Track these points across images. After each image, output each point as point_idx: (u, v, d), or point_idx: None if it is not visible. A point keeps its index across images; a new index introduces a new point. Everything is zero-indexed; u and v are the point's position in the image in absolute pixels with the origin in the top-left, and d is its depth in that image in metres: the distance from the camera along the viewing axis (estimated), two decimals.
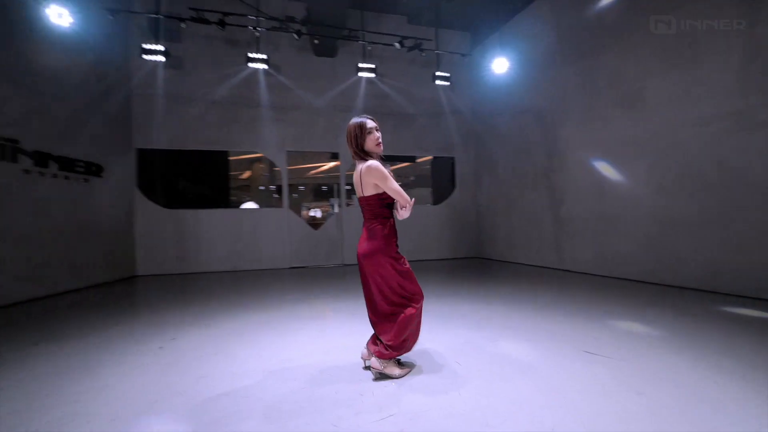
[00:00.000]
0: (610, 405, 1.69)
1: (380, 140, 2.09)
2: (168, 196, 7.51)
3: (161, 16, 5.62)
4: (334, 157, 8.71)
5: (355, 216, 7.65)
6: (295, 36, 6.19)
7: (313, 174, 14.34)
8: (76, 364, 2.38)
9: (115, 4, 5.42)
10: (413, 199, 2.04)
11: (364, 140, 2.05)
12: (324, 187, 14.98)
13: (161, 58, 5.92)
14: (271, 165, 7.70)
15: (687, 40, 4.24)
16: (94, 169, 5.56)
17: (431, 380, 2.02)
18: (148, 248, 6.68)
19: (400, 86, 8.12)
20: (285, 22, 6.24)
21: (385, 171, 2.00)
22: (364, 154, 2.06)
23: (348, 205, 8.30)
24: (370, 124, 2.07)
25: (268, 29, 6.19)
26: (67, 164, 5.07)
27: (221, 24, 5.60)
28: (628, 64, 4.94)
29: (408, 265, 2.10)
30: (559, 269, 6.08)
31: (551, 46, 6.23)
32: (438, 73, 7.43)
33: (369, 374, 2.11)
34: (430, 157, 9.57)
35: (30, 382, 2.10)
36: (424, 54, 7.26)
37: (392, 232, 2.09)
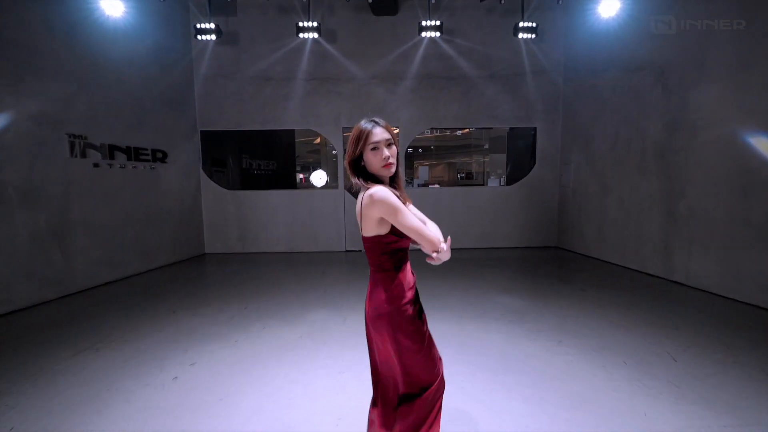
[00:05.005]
0: None
1: (390, 160, 1.36)
2: (230, 178, 7.70)
3: None
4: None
5: (416, 199, 7.01)
6: None
7: None
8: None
9: None
10: (449, 239, 1.33)
11: (364, 154, 1.36)
12: None
13: (213, 37, 5.83)
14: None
15: None
16: (159, 156, 5.81)
17: None
18: (213, 228, 7.03)
19: (473, 43, 6.83)
20: None
21: (396, 202, 1.31)
22: (363, 175, 1.39)
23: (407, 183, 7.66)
24: (378, 134, 1.34)
25: None
26: (134, 154, 5.33)
27: None
28: None
29: (426, 332, 1.46)
30: (666, 279, 4.74)
31: None
32: (522, 24, 5.99)
33: None
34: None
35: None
36: (503, 1, 5.86)
37: (401, 290, 1.41)
